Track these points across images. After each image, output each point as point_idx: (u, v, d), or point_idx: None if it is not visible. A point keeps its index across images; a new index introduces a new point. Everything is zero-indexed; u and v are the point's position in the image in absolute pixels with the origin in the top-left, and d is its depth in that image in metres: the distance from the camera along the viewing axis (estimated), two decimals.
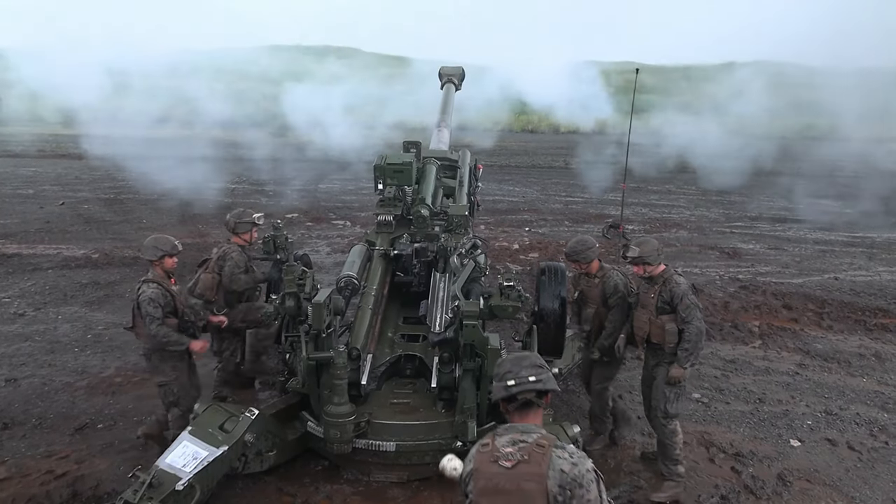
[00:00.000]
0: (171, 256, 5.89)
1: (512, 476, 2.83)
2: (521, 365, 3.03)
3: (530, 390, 2.97)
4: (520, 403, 2.99)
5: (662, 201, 20.44)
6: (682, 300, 5.54)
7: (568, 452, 2.86)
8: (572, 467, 2.81)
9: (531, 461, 2.83)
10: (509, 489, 2.83)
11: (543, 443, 2.87)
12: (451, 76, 11.40)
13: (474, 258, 6.47)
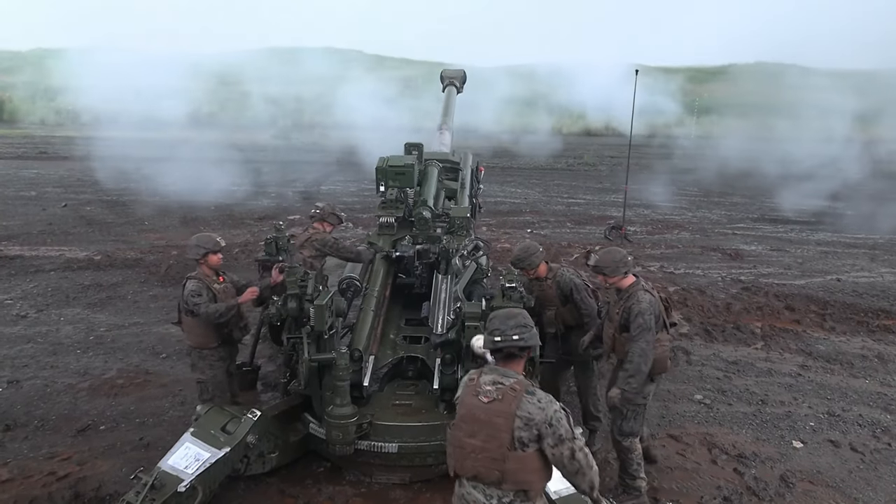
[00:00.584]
0: (214, 253, 5.95)
1: (486, 410, 3.47)
2: (507, 324, 3.61)
3: (513, 346, 3.58)
4: (504, 354, 3.61)
5: (665, 202, 20.43)
6: (635, 318, 5.26)
7: (537, 398, 3.46)
8: (540, 411, 3.41)
9: (504, 400, 3.45)
10: (483, 420, 3.47)
11: (517, 387, 3.47)
12: (452, 79, 11.43)
13: (476, 260, 6.47)
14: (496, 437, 3.44)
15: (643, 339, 5.20)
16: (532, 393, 3.46)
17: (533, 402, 3.43)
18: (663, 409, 7.26)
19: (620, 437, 5.54)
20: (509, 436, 3.41)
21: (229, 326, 6.04)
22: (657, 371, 5.41)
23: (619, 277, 5.44)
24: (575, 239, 15.27)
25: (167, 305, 10.13)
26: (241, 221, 16.12)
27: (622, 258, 5.46)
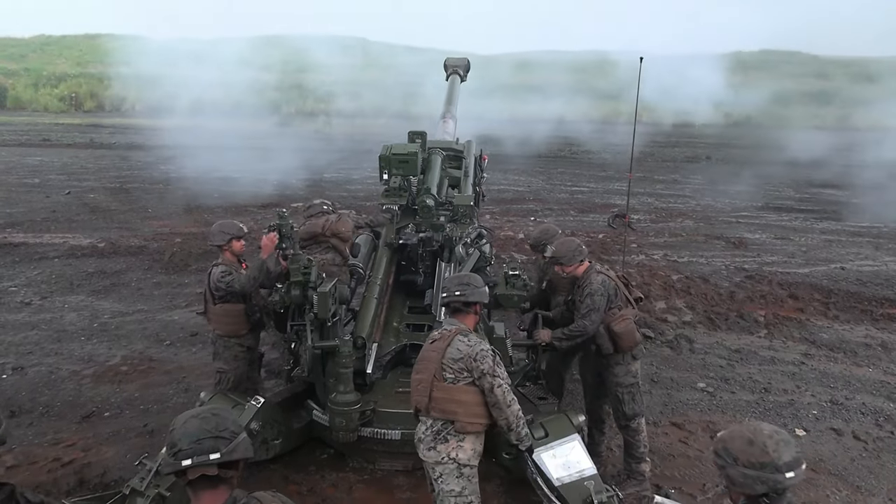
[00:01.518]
0: (238, 239, 5.93)
1: (428, 349, 4.25)
2: (453, 282, 4.38)
3: (456, 301, 4.28)
4: (451, 308, 4.35)
5: (668, 191, 20.39)
6: (584, 298, 5.39)
7: (468, 339, 4.13)
8: (468, 348, 4.08)
9: (440, 340, 4.17)
10: (425, 357, 4.25)
11: (453, 331, 4.17)
12: (456, 67, 11.38)
13: (479, 248, 6.46)
14: (428, 368, 4.12)
15: (588, 319, 5.38)
16: (466, 335, 4.13)
17: (463, 341, 4.09)
18: (666, 396, 7.27)
19: (626, 420, 5.58)
20: (438, 366, 4.08)
21: (259, 311, 6.03)
22: (627, 344, 5.49)
23: (576, 265, 5.56)
24: (579, 227, 15.25)
25: (171, 293, 10.15)
26: (245, 209, 16.12)
27: (577, 247, 5.60)
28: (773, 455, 2.56)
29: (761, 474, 2.56)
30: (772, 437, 2.61)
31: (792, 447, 2.60)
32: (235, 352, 5.93)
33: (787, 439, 2.63)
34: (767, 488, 2.57)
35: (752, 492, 2.59)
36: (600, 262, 6.93)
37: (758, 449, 2.58)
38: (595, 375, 5.89)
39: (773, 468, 2.55)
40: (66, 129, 30.62)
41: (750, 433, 2.65)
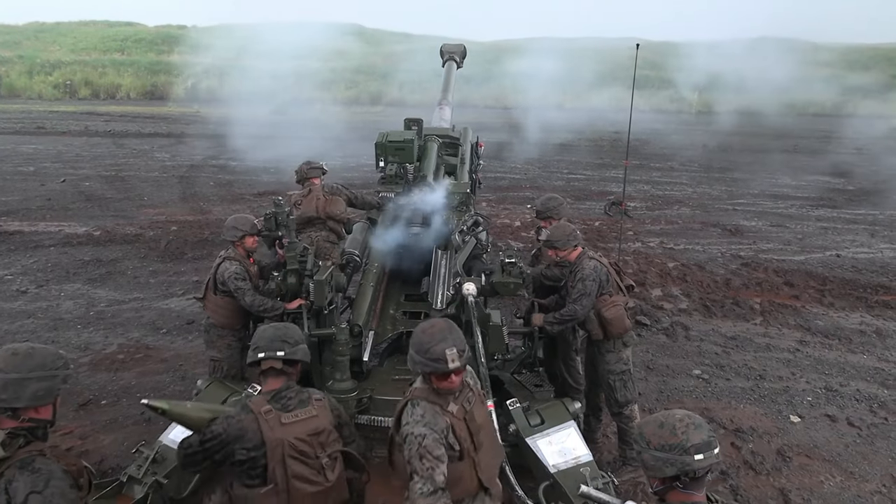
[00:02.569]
0: (251, 235, 5.91)
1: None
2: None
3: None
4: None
5: (665, 178, 20.37)
6: (576, 283, 5.42)
7: (413, 412, 3.32)
8: (404, 425, 3.30)
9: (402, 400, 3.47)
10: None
11: (409, 393, 3.43)
12: (452, 53, 11.34)
13: (476, 235, 6.46)
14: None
15: (579, 304, 5.39)
16: (415, 404, 3.36)
17: (407, 412, 3.37)
18: (661, 383, 7.30)
19: (618, 407, 5.61)
20: (394, 428, 3.43)
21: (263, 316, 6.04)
22: (617, 331, 5.53)
23: (569, 250, 5.58)
24: (575, 214, 15.24)
25: (167, 281, 10.14)
26: (241, 197, 16.08)
27: (571, 231, 5.63)
28: (682, 437, 2.59)
29: (670, 456, 2.59)
30: (682, 421, 2.65)
31: (703, 431, 2.63)
32: (229, 341, 5.94)
33: (698, 423, 2.66)
34: (677, 470, 2.59)
35: (663, 474, 2.63)
36: (596, 249, 6.95)
37: (667, 431, 2.63)
38: (589, 364, 5.93)
39: (682, 450, 2.58)
40: (61, 116, 30.42)
41: (662, 417, 2.70)
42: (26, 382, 2.79)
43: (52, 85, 40.31)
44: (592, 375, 5.94)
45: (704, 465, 2.59)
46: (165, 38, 53.16)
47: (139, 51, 49.20)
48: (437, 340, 3.30)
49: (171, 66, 44.96)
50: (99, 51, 48.39)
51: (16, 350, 2.87)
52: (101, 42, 50.89)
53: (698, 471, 2.60)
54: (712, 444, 2.62)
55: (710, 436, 2.64)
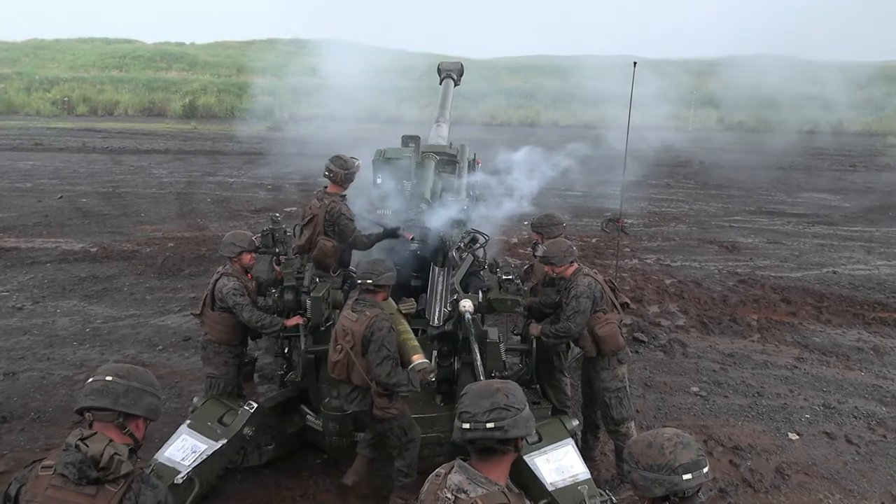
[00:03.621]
0: (248, 252, 5.89)
1: None
2: (481, 405, 2.65)
3: (489, 437, 2.63)
4: (477, 447, 2.68)
5: (661, 195, 20.42)
6: (570, 300, 5.43)
7: None
8: None
9: None
10: None
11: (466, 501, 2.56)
12: (449, 71, 11.40)
13: (473, 252, 6.47)
14: None
15: (573, 321, 5.41)
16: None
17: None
18: (660, 401, 7.28)
19: (615, 425, 5.60)
20: None
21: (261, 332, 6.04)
22: (610, 348, 5.54)
23: (566, 266, 5.59)
24: (572, 231, 15.26)
25: (164, 297, 10.12)
26: (238, 213, 16.09)
27: (568, 247, 5.64)
28: (670, 457, 2.56)
29: (658, 476, 2.56)
30: (670, 440, 2.61)
31: (692, 450, 2.59)
32: (225, 357, 5.90)
33: (686, 442, 2.61)
34: (665, 490, 2.56)
35: (652, 494, 2.58)
36: (593, 266, 6.96)
37: (655, 451, 2.59)
38: (585, 381, 5.93)
39: (670, 470, 2.55)
40: (59, 133, 30.47)
41: (651, 437, 2.65)
42: (144, 394, 2.97)
43: (50, 101, 40.39)
44: (588, 393, 5.93)
45: (693, 485, 2.56)
46: (163, 55, 53.39)
47: (137, 68, 49.36)
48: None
49: (168, 83, 45.10)
50: (97, 68, 48.55)
51: (133, 365, 3.09)
52: (100, 59, 51.07)
53: (687, 490, 2.57)
54: (701, 464, 2.58)
55: (699, 455, 2.60)
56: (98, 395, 2.89)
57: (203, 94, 43.10)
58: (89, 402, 2.90)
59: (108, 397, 2.89)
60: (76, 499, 2.74)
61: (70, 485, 2.75)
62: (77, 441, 2.78)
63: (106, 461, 2.74)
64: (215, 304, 5.78)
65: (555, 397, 6.29)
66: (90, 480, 2.75)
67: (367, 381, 4.87)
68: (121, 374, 2.95)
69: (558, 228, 6.33)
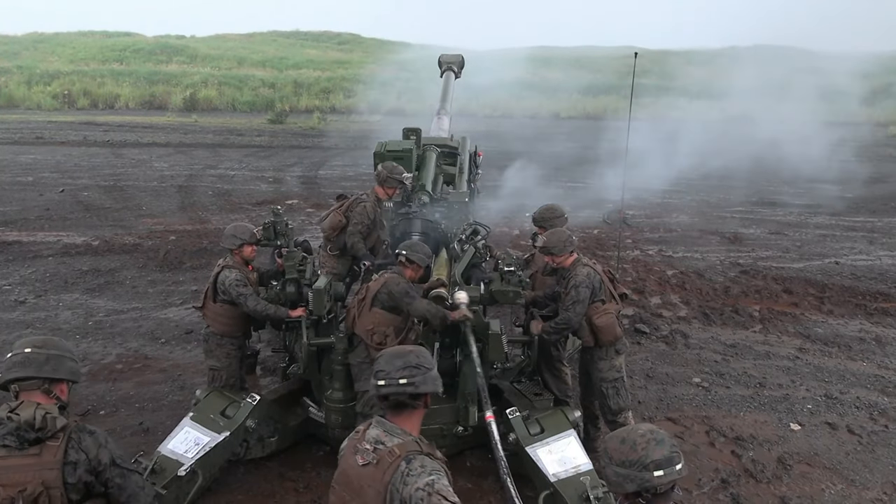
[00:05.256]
0: (250, 244, 5.91)
1: (360, 475, 2.86)
2: (394, 364, 2.94)
3: (401, 392, 2.90)
4: (391, 403, 2.94)
5: (663, 186, 20.37)
6: (569, 290, 5.45)
7: (410, 467, 2.79)
8: (404, 486, 2.75)
9: (378, 466, 2.81)
10: (355, 487, 2.88)
11: (396, 451, 2.82)
12: (450, 64, 11.39)
13: (475, 244, 6.47)
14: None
15: (573, 311, 5.43)
16: (410, 460, 2.81)
17: (403, 473, 2.80)
18: (661, 392, 7.29)
19: (612, 415, 5.63)
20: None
21: (265, 322, 6.07)
22: (607, 338, 5.56)
23: (565, 256, 5.61)
24: (573, 223, 15.21)
25: (166, 290, 10.13)
26: (239, 206, 16.08)
27: (567, 237, 5.66)
28: (642, 453, 2.55)
29: (630, 472, 2.55)
30: (643, 437, 2.60)
31: (664, 447, 2.57)
32: (228, 350, 5.92)
33: (660, 439, 2.60)
34: (637, 486, 2.55)
35: (623, 490, 2.59)
36: (595, 257, 6.96)
37: (627, 447, 2.59)
38: (583, 372, 5.94)
39: (641, 466, 2.54)
40: (60, 126, 30.43)
41: (625, 432, 2.67)
42: (63, 359, 3.20)
43: (50, 95, 40.33)
44: (586, 383, 5.95)
45: (665, 482, 2.55)
46: (164, 48, 53.28)
47: (138, 61, 49.24)
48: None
49: (169, 76, 45.03)
50: (97, 61, 48.44)
51: (48, 336, 3.38)
52: (100, 52, 50.96)
53: (659, 487, 2.55)
54: (674, 461, 2.57)
55: (672, 452, 2.59)
56: (21, 367, 3.11)
57: (204, 86, 43.03)
58: (13, 374, 3.10)
59: (31, 366, 3.11)
60: (24, 461, 2.97)
61: (14, 452, 2.97)
62: (7, 413, 2.99)
63: (40, 422, 2.97)
64: (217, 297, 5.80)
65: (556, 388, 6.31)
66: (31, 442, 2.98)
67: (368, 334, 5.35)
68: (38, 345, 3.18)
69: (560, 221, 6.34)
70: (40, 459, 2.98)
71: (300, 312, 5.76)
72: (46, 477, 2.97)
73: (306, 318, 5.66)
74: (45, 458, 2.98)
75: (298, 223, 13.90)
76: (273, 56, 53.12)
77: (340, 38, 66.55)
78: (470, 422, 5.42)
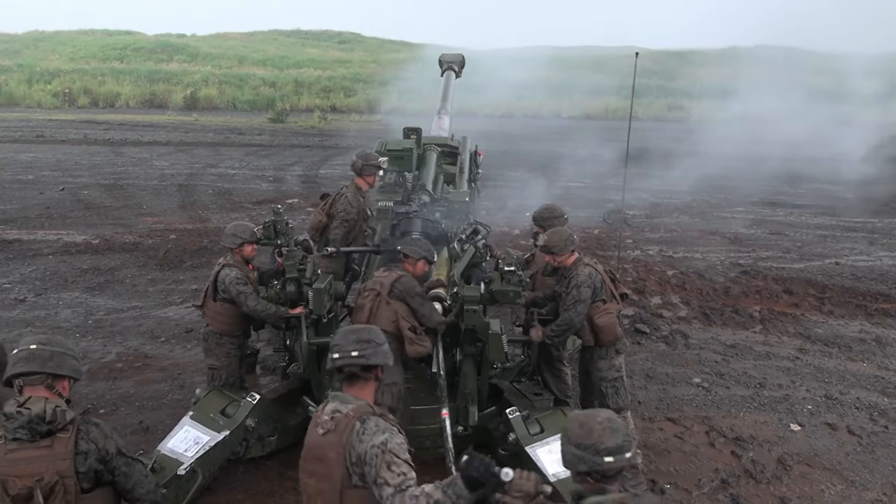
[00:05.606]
0: (250, 243, 5.92)
1: (321, 444, 3.12)
2: (347, 339, 3.29)
3: (353, 364, 3.23)
4: (346, 375, 3.27)
5: (664, 186, 20.37)
6: (570, 290, 5.46)
7: (365, 426, 3.07)
8: (359, 443, 3.03)
9: (336, 431, 3.09)
10: (318, 456, 3.14)
11: (351, 414, 3.11)
12: (451, 63, 11.39)
13: (475, 244, 6.46)
14: (330, 475, 3.09)
15: (574, 310, 5.44)
16: (364, 420, 3.09)
17: (358, 431, 3.06)
18: (661, 392, 7.29)
19: None
20: (344, 471, 3.06)
21: (265, 322, 6.06)
22: (608, 338, 5.57)
23: (566, 255, 5.61)
24: (574, 223, 15.19)
25: (166, 289, 10.13)
26: (240, 205, 16.08)
27: (568, 237, 5.67)
28: (597, 439, 2.79)
29: (583, 455, 2.80)
30: (601, 423, 2.83)
31: (618, 435, 2.80)
32: (227, 349, 5.92)
33: (615, 427, 2.83)
34: (587, 468, 2.80)
35: (576, 469, 2.85)
36: (595, 257, 6.96)
37: (585, 431, 2.83)
38: (583, 371, 5.94)
39: (594, 451, 2.78)
40: (60, 125, 30.42)
41: (585, 417, 2.92)
42: (66, 357, 3.32)
43: (51, 93, 40.34)
44: (586, 382, 5.94)
45: (613, 467, 2.79)
46: (164, 46, 53.30)
47: (138, 59, 49.27)
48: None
49: (170, 75, 45.04)
50: (98, 59, 48.47)
51: (51, 334, 3.70)
52: (101, 51, 51.00)
53: (608, 471, 2.79)
54: (624, 449, 2.80)
55: (625, 440, 2.82)
56: (26, 362, 3.22)
57: (204, 85, 43.04)
58: (18, 369, 3.22)
59: (36, 362, 3.22)
60: (38, 453, 3.10)
61: (26, 444, 3.10)
62: (17, 408, 3.11)
63: (51, 415, 3.11)
64: (217, 295, 5.80)
65: (556, 388, 6.31)
66: (43, 434, 3.11)
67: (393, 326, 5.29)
68: (43, 342, 3.31)
69: (559, 221, 6.34)
70: (53, 451, 3.11)
71: (299, 311, 5.76)
72: (60, 467, 3.10)
73: (306, 316, 5.65)
74: (57, 449, 3.12)
75: (299, 222, 13.86)
76: (274, 55, 53.14)
77: (341, 38, 66.59)
78: (470, 421, 5.42)
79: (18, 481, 3.06)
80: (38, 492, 3.05)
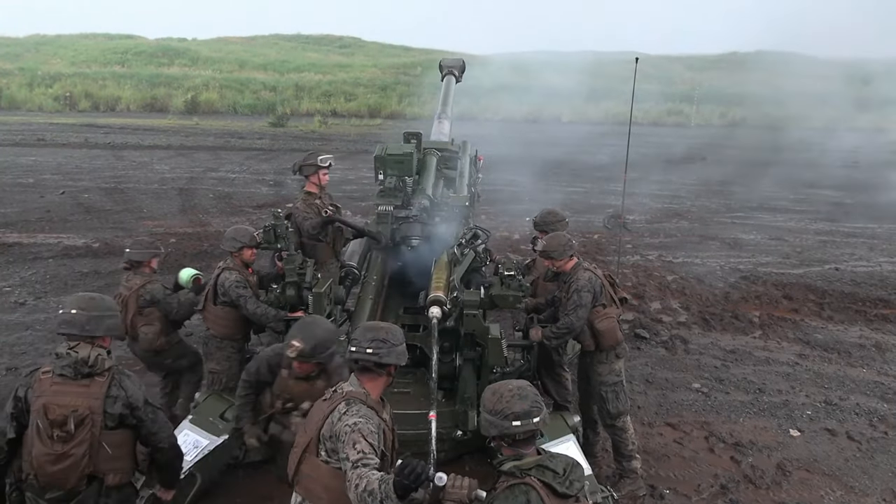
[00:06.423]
0: (249, 248, 5.93)
1: (316, 408, 3.63)
2: (366, 335, 3.56)
3: (367, 359, 3.50)
4: (360, 367, 3.56)
5: (664, 191, 20.40)
6: (571, 294, 5.46)
7: (349, 409, 3.39)
8: (338, 422, 3.36)
9: (328, 401, 3.54)
10: (310, 417, 3.64)
11: (343, 395, 3.49)
12: (451, 68, 11.39)
13: (475, 248, 6.46)
14: (304, 436, 3.59)
15: (574, 315, 5.43)
16: (348, 403, 3.43)
17: (337, 412, 3.42)
18: (661, 397, 7.29)
19: (611, 419, 5.62)
20: (315, 438, 3.49)
21: (265, 325, 6.06)
22: (608, 343, 5.56)
23: (565, 260, 5.61)
24: (574, 227, 15.22)
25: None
26: (240, 209, 16.09)
27: (567, 241, 5.67)
28: (506, 405, 3.02)
29: (494, 419, 3.03)
30: (511, 391, 3.07)
31: (526, 402, 3.02)
32: (228, 353, 5.93)
33: (524, 395, 3.05)
34: (498, 432, 3.02)
35: (488, 434, 3.07)
36: (595, 262, 6.97)
37: (496, 398, 3.07)
38: (582, 376, 5.94)
39: (503, 415, 3.00)
40: (61, 128, 30.43)
41: (498, 385, 3.16)
42: (103, 319, 3.87)
43: (52, 97, 40.37)
44: (585, 388, 5.94)
45: (521, 431, 2.99)
46: (165, 50, 53.36)
47: (139, 63, 49.34)
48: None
49: (171, 79, 45.08)
50: (99, 63, 48.52)
51: (92, 296, 4.02)
52: (102, 54, 51.05)
53: (517, 435, 3.00)
54: (532, 414, 3.00)
55: (533, 406, 3.02)
56: (67, 325, 3.80)
57: (205, 89, 43.08)
58: (62, 329, 3.82)
59: (75, 326, 3.79)
60: (76, 389, 3.68)
61: (69, 381, 3.69)
62: (66, 350, 3.72)
63: (93, 360, 3.71)
64: (217, 299, 5.80)
65: (556, 392, 6.31)
66: (84, 375, 3.71)
67: None
68: (82, 307, 3.85)
69: (560, 225, 6.35)
70: (89, 390, 3.69)
71: (300, 314, 5.76)
72: (92, 404, 3.68)
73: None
74: (93, 389, 3.70)
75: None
76: (274, 59, 53.21)
77: (342, 42, 66.68)
78: (469, 426, 5.41)
79: (57, 409, 3.62)
80: (72, 420, 3.61)
